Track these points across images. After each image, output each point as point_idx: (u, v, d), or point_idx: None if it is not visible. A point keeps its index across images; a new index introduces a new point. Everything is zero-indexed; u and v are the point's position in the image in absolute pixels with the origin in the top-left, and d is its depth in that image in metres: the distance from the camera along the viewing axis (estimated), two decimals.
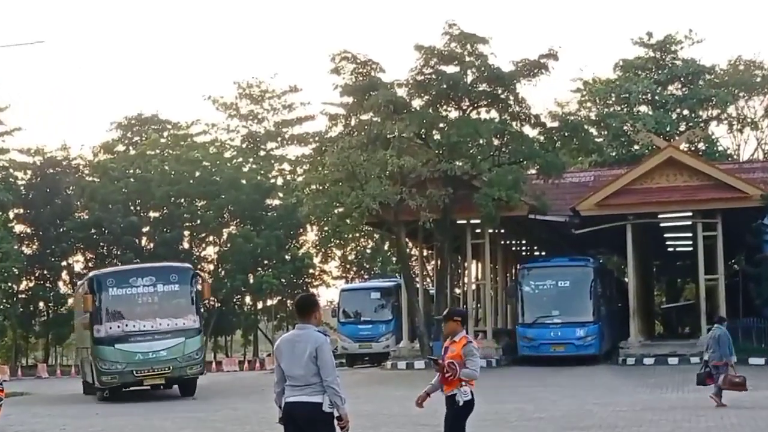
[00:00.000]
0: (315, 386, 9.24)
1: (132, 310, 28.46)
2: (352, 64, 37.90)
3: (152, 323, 28.23)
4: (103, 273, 30.81)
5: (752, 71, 63.35)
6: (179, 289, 28.85)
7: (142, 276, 28.87)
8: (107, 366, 27.99)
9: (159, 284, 28.64)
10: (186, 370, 28.49)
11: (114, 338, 28.04)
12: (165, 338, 28.12)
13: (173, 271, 29.74)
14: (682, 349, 36.42)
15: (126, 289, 28.51)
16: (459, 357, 11.14)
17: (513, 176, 36.59)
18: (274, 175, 65.17)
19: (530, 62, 37.79)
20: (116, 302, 28.52)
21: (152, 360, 28.01)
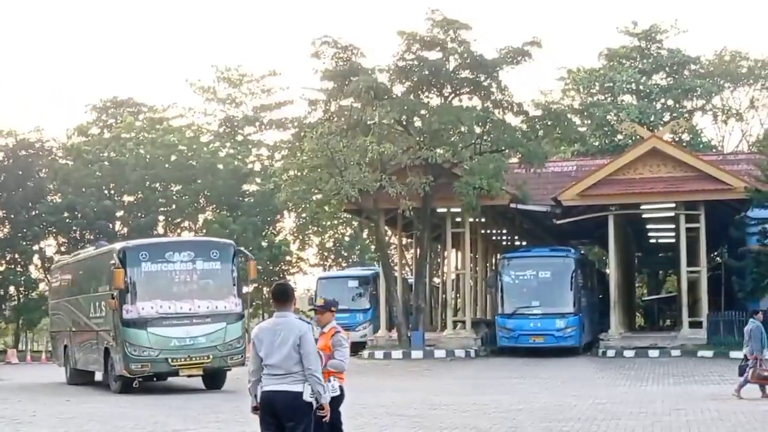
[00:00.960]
0: (296, 375, 9.12)
1: (167, 289, 24.87)
2: (333, 49, 37.54)
3: (190, 305, 24.64)
4: (136, 245, 26.48)
5: (738, 62, 63.17)
6: (220, 267, 25.33)
7: (180, 250, 25.23)
8: (138, 352, 24.30)
9: (198, 260, 25.11)
10: (227, 360, 24.91)
11: (147, 321, 24.38)
12: (204, 323, 24.61)
13: (214, 246, 26.16)
14: (663, 341, 36.18)
15: (161, 264, 24.87)
16: (327, 348, 10.71)
17: (494, 165, 36.28)
18: (252, 160, 64.59)
19: (514, 50, 37.51)
20: (149, 279, 24.83)
21: (190, 347, 24.42)
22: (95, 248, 29.96)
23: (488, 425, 16.42)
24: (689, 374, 27.15)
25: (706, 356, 33.03)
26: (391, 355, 35.96)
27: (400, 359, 34.82)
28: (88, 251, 30.70)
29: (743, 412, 17.54)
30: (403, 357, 35.11)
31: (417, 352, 35.46)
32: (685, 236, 37.43)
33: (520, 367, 31.16)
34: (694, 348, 34.17)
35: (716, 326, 35.21)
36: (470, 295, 40.75)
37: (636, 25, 60.50)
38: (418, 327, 37.20)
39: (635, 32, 60.33)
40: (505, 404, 19.82)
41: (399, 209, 36.13)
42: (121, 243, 27.81)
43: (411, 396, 22.01)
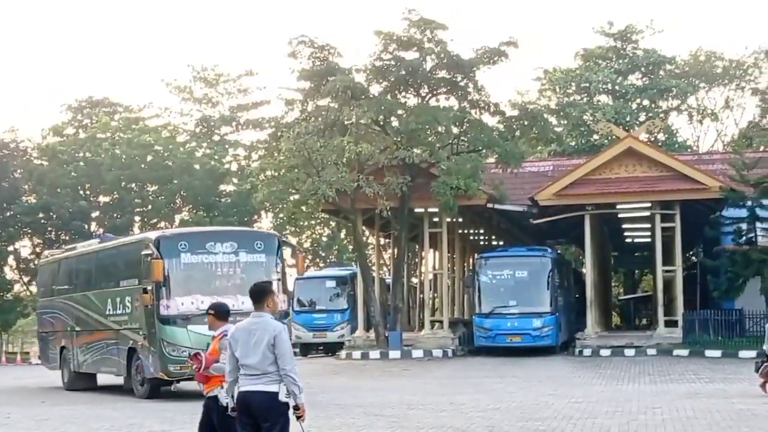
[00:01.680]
0: (272, 375, 9.12)
1: (208, 284, 22.91)
2: (310, 49, 37.48)
3: (233, 301, 21.53)
4: (174, 234, 24.66)
5: (713, 62, 63.58)
6: (265, 260, 23.48)
7: (222, 241, 23.24)
8: (177, 352, 22.18)
9: (241, 252, 23.19)
10: None
11: (187, 317, 22.37)
12: None
13: (258, 237, 24.48)
14: (639, 340, 36.33)
15: (202, 255, 22.92)
16: (215, 352, 10.70)
17: (472, 165, 36.33)
18: (228, 160, 64.51)
19: (490, 50, 37.54)
20: (189, 272, 22.91)
21: None
22: (100, 241, 28.46)
23: (465, 425, 16.46)
24: (665, 373, 27.27)
25: (681, 355, 33.18)
26: (368, 355, 35.97)
27: (378, 359, 34.83)
28: (92, 244, 28.92)
29: (718, 410, 17.64)
30: (381, 357, 35.13)
31: (395, 352, 35.49)
32: (660, 236, 37.64)
33: (497, 366, 31.23)
34: (669, 347, 34.32)
35: (692, 325, 35.38)
36: (448, 295, 40.80)
37: (612, 25, 60.81)
38: (396, 327, 37.22)
39: (611, 32, 60.62)
40: (482, 403, 19.86)
41: (376, 209, 36.11)
42: (155, 232, 25.72)
43: (388, 396, 22.04)
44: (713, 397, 20.34)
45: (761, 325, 34.58)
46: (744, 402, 18.90)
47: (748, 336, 34.35)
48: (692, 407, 18.22)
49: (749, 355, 31.71)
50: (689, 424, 15.90)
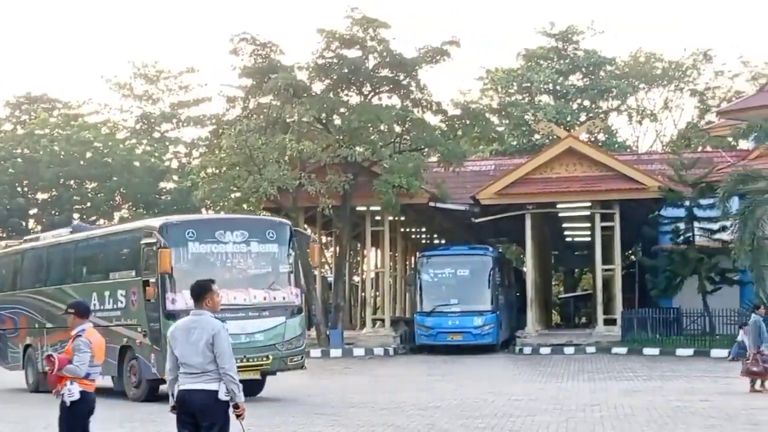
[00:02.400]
0: (211, 374, 9.07)
1: (218, 276, 19.36)
2: (252, 46, 37.37)
3: (245, 295, 20.78)
4: (180, 221, 22.10)
5: (652, 63, 64.28)
6: (278, 250, 21.60)
7: (232, 229, 21.22)
8: None
9: (253, 242, 21.25)
10: (286, 362, 21.15)
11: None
12: (261, 317, 20.82)
13: (270, 226, 22.24)
14: (579, 338, 36.62)
15: (211, 245, 20.90)
16: (70, 353, 10.65)
17: (414, 163, 36.45)
18: (169, 157, 64.05)
19: (432, 49, 37.68)
20: (197, 263, 20.72)
21: (246, 346, 20.24)
22: (72, 231, 26.30)
23: (406, 422, 16.48)
24: (603, 371, 27.51)
25: (620, 353, 33.49)
26: (309, 353, 35.87)
27: (319, 358, 34.75)
28: (61, 234, 26.74)
29: (656, 407, 17.82)
30: (322, 355, 35.07)
31: (336, 350, 35.45)
32: (600, 235, 38.00)
33: (438, 364, 31.30)
34: (608, 345, 34.64)
35: (630, 323, 35.74)
36: (389, 294, 40.85)
37: (553, 26, 61.27)
38: (338, 325, 37.18)
39: (552, 33, 61.05)
40: (422, 401, 19.90)
41: (318, 207, 36.07)
42: (155, 219, 23.67)
43: (329, 394, 22.01)
44: (651, 394, 20.54)
45: (698, 323, 35.11)
46: (681, 399, 19.12)
47: (685, 334, 34.78)
48: (630, 404, 18.39)
49: (687, 353, 32.14)
50: (627, 422, 16.05)
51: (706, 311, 34.59)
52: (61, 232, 27.20)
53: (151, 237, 21.04)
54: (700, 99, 65.18)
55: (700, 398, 19.20)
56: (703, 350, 32.04)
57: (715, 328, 34.22)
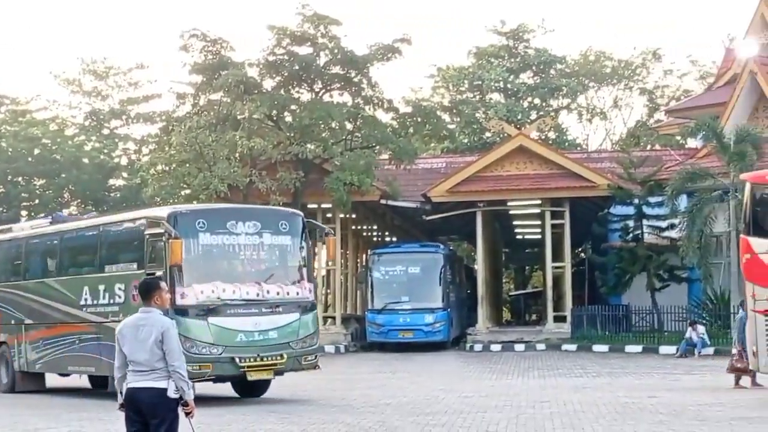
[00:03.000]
0: (160, 371, 9.06)
1: (230, 269, 20.00)
2: (202, 42, 37.20)
3: (257, 290, 19.58)
4: (189, 210, 20.91)
5: (602, 62, 64.74)
6: (291, 243, 20.50)
7: (244, 220, 20.01)
8: (197, 349, 18.81)
9: (265, 233, 20.08)
10: (300, 361, 19.94)
11: (207, 309, 19.09)
12: (274, 313, 19.58)
13: (282, 217, 21.06)
14: (529, 335, 36.82)
15: (223, 236, 19.71)
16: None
17: (365, 161, 36.45)
18: (118, 154, 63.45)
19: (384, 46, 37.70)
20: (208, 255, 19.76)
21: (259, 344, 19.26)
22: (52, 221, 25.02)
23: (356, 420, 16.46)
24: (553, 367, 27.65)
25: (569, 350, 33.70)
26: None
27: None
28: (41, 226, 25.30)
29: (605, 403, 17.92)
30: None
31: None
32: (550, 232, 38.22)
33: (389, 362, 31.32)
34: (558, 342, 34.85)
35: (580, 320, 36.00)
36: (340, 291, 40.79)
37: (504, 24, 61.47)
38: None
39: (503, 31, 61.26)
40: (373, 399, 19.89)
41: (269, 205, 35.95)
42: (162, 208, 22.38)
43: (279, 392, 21.92)
44: (600, 390, 20.65)
45: (647, 320, 35.41)
46: (629, 395, 19.24)
47: (634, 331, 35.08)
48: (579, 401, 18.48)
49: (635, 349, 32.41)
50: (576, 417, 16.13)
51: (654, 308, 34.90)
52: (40, 223, 25.94)
53: (156, 227, 19.69)
54: (649, 98, 65.74)
55: (648, 394, 19.34)
56: (651, 347, 32.32)
57: (664, 325, 34.54)
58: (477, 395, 20.17)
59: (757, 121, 35.27)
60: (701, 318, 32.05)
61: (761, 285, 17.65)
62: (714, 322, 32.09)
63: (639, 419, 15.75)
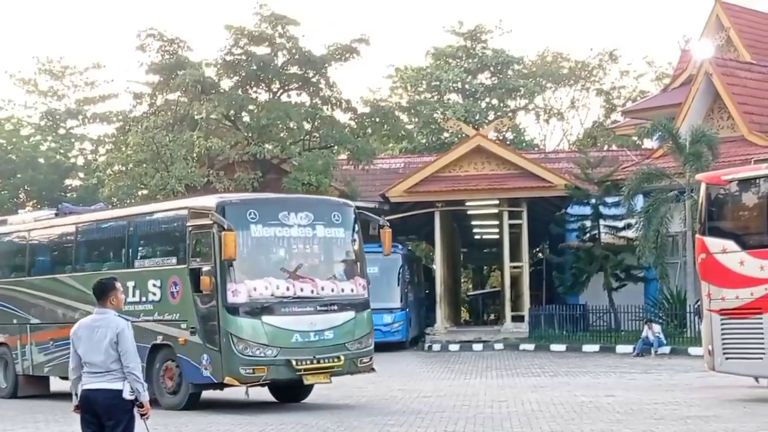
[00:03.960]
0: (115, 373, 9.04)
1: (282, 264, 18.43)
2: (159, 42, 37.09)
3: (312, 286, 18.15)
4: (239, 200, 19.24)
5: (559, 63, 65.06)
6: (344, 235, 19.14)
7: (297, 210, 18.50)
8: (251, 350, 17.44)
9: (318, 225, 18.64)
10: (356, 364, 18.62)
11: (261, 307, 17.66)
12: (330, 311, 18.25)
13: (335, 207, 19.55)
14: (487, 335, 36.90)
15: (275, 228, 18.22)
16: None
17: (323, 161, 36.44)
18: (75, 154, 63.00)
19: (342, 46, 37.71)
20: (260, 249, 18.36)
21: (315, 345, 17.90)
22: (57, 213, 23.41)
23: (314, 420, 16.42)
24: (511, 367, 27.74)
25: (527, 349, 33.81)
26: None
27: None
28: (49, 217, 23.57)
29: (562, 403, 17.99)
30: None
31: None
32: (508, 232, 38.32)
33: None
34: (516, 341, 34.95)
35: (537, 320, 36.11)
36: None
37: (462, 24, 61.62)
38: None
39: (461, 32, 61.42)
40: (331, 399, 19.86)
41: None
42: (207, 197, 20.60)
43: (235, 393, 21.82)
44: (557, 389, 20.73)
45: (604, 319, 35.59)
46: (587, 394, 19.33)
47: (591, 330, 35.22)
48: (537, 400, 18.55)
49: (593, 348, 32.57)
50: (533, 417, 16.19)
51: (611, 308, 35.09)
52: (43, 215, 24.38)
53: (202, 218, 18.14)
54: (606, 98, 66.15)
55: (605, 393, 19.44)
56: (608, 346, 32.49)
57: (621, 324, 34.72)
58: (435, 395, 20.19)
59: (712, 122, 35.56)
60: (657, 317, 32.24)
61: (716, 284, 17.80)
62: (670, 321, 32.29)
63: (596, 418, 15.83)
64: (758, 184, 17.91)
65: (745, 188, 18.38)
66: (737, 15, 42.87)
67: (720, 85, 35.38)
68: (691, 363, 25.50)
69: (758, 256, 17.20)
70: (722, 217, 18.69)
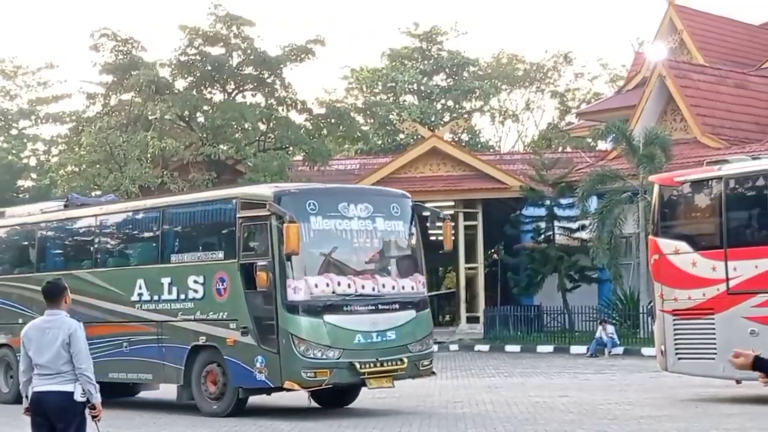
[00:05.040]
0: (66, 375, 8.92)
1: (345, 259, 17.27)
2: (113, 42, 36.89)
3: (373, 283, 17.00)
4: (298, 189, 17.72)
5: (514, 65, 65.31)
6: (403, 229, 17.90)
7: (356, 202, 17.28)
8: (313, 352, 16.21)
9: (378, 218, 17.42)
10: (418, 366, 17.33)
11: (322, 305, 16.45)
12: (391, 310, 17.06)
13: (393, 199, 18.31)
14: (442, 336, 36.87)
15: (335, 220, 16.94)
16: None
17: (278, 162, 36.33)
18: (27, 155, 62.48)
19: (297, 47, 37.65)
20: (320, 243, 16.94)
21: (378, 347, 16.71)
22: (67, 204, 21.84)
23: (269, 423, 16.38)
24: (466, 368, 27.78)
25: (482, 350, 33.90)
26: None
27: None
28: (57, 208, 21.94)
29: (516, 403, 18.04)
30: None
31: None
32: (463, 234, 38.40)
33: None
34: (471, 342, 35.04)
35: (492, 321, 36.22)
36: None
37: (417, 26, 61.67)
38: None
39: (417, 33, 61.47)
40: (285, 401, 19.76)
41: None
42: (263, 186, 19.43)
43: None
44: (512, 390, 20.78)
45: (558, 320, 35.77)
46: (541, 395, 19.40)
47: (546, 331, 35.39)
48: (491, 401, 18.58)
49: (547, 349, 32.72)
50: (488, 417, 16.22)
51: (565, 308, 35.27)
52: (51, 206, 22.49)
53: (256, 208, 16.77)
54: (561, 100, 66.50)
55: (559, 394, 19.52)
56: (562, 347, 32.65)
57: (575, 325, 34.91)
58: (390, 396, 20.13)
59: (665, 124, 35.86)
60: (611, 318, 32.44)
61: (669, 285, 17.92)
62: (623, 322, 32.50)
63: (550, 418, 15.89)
64: (710, 186, 18.06)
65: (697, 190, 18.52)
66: (690, 18, 43.29)
67: (673, 87, 35.69)
68: (644, 363, 25.66)
69: (710, 257, 17.33)
70: (675, 219, 18.82)
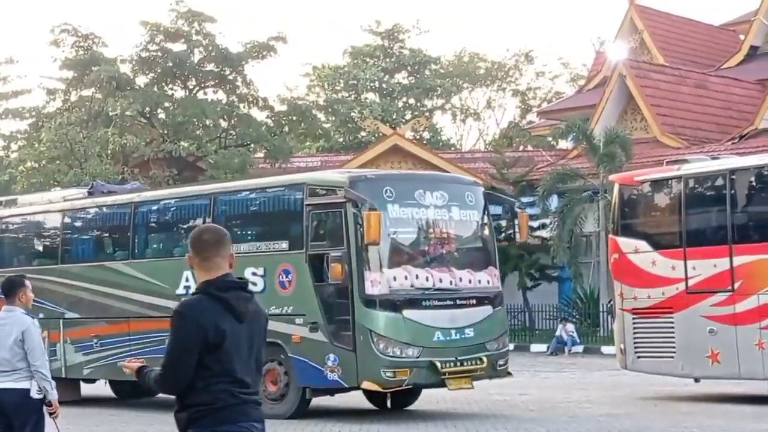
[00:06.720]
0: (22, 372, 8.86)
1: (419, 250, 16.18)
2: (73, 37, 36.70)
3: (450, 277, 15.80)
4: (373, 175, 16.73)
5: (476, 63, 65.44)
6: (478, 219, 16.72)
7: (432, 189, 16.04)
8: (392, 350, 15.10)
9: (453, 207, 16.17)
10: (496, 366, 16.14)
11: (401, 300, 15.33)
12: (468, 305, 15.89)
13: (467, 187, 17.03)
14: None
15: (412, 209, 15.80)
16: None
17: (239, 159, 36.25)
18: None
19: (259, 44, 37.57)
20: (398, 231, 15.88)
21: (457, 345, 15.60)
22: (90, 192, 20.22)
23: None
24: None
25: None
26: None
27: None
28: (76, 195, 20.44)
29: (476, 401, 18.04)
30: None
31: None
32: None
33: None
34: None
35: None
36: None
37: (379, 24, 61.70)
38: None
39: (378, 31, 61.50)
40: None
41: None
42: (334, 171, 18.25)
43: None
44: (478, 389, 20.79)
45: (518, 318, 35.88)
46: (501, 393, 19.41)
47: None
48: (451, 398, 18.55)
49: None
50: (448, 416, 16.22)
51: (526, 307, 35.36)
52: (74, 194, 20.83)
53: (328, 195, 15.67)
54: (522, 99, 66.71)
55: (519, 392, 19.55)
56: (523, 345, 32.73)
57: (535, 323, 35.02)
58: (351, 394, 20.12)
59: (626, 124, 36.06)
60: (571, 316, 32.58)
61: (629, 284, 18.03)
62: (584, 320, 32.65)
63: (509, 417, 15.93)
64: (670, 185, 18.19)
65: (657, 189, 18.65)
66: (651, 18, 43.57)
67: (633, 87, 35.90)
68: (604, 362, 25.78)
69: (670, 256, 17.45)
70: (635, 218, 18.94)
